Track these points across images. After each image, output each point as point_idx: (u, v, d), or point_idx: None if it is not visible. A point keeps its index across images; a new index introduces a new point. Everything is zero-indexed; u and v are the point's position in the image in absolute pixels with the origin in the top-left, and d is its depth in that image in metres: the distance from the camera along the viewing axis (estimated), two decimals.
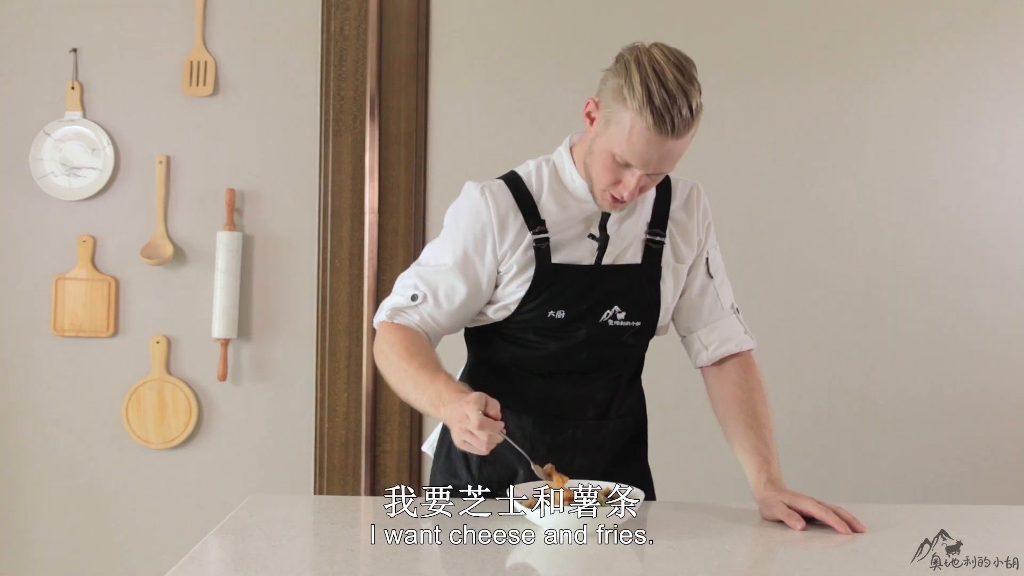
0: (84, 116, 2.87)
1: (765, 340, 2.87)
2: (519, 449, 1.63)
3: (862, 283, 2.92)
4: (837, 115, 2.91)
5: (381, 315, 1.79)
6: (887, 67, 2.92)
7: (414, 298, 1.75)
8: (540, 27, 2.90)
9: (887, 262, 2.92)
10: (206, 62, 2.87)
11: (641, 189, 1.67)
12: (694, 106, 1.62)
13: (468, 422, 1.53)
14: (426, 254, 1.80)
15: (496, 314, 1.77)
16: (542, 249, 1.72)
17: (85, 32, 2.87)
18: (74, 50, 2.88)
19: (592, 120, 1.67)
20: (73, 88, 2.86)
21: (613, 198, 1.68)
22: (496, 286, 1.76)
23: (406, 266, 2.82)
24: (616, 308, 1.75)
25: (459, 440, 1.57)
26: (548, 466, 1.63)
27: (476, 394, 1.56)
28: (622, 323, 1.76)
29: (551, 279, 1.73)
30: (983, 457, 2.93)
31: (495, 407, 1.55)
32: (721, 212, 2.87)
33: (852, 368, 2.92)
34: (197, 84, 2.87)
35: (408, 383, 1.68)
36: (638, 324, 1.78)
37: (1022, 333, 2.94)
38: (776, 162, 2.91)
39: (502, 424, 1.55)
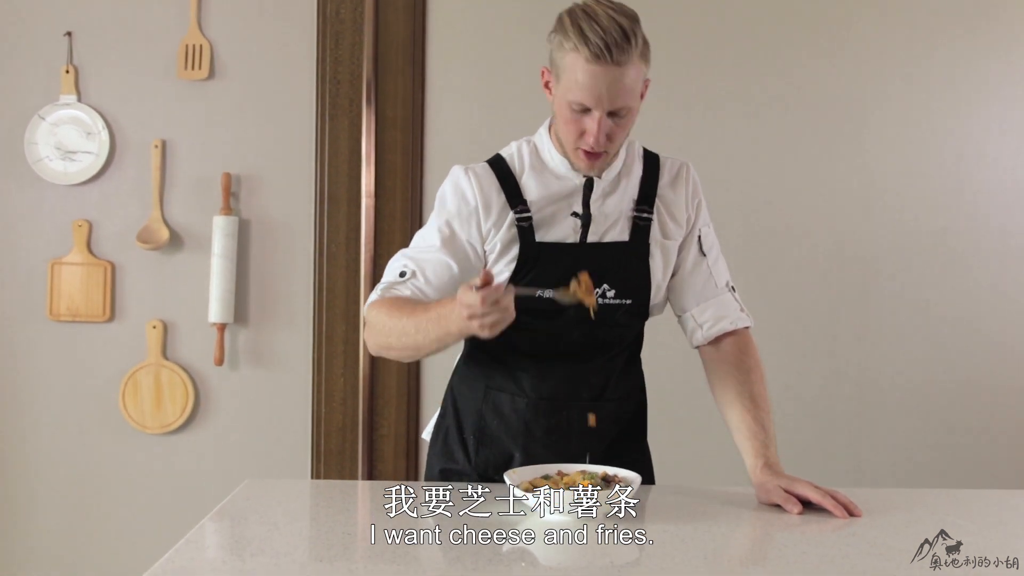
0: (79, 100, 2.86)
1: (763, 325, 2.86)
2: (530, 291, 1.61)
3: (860, 268, 2.92)
4: (835, 102, 2.91)
5: (372, 297, 1.79)
6: (886, 54, 2.91)
7: (402, 274, 1.76)
8: (536, 11, 2.86)
9: (885, 247, 2.92)
10: (201, 46, 2.85)
11: (609, 138, 1.67)
12: (628, 31, 1.62)
13: (468, 296, 1.48)
14: (415, 240, 1.83)
15: None
16: (525, 227, 1.73)
17: (80, 15, 2.86)
18: (69, 33, 2.86)
19: (549, 86, 1.71)
20: (68, 72, 2.85)
21: (586, 154, 1.69)
22: (484, 266, 1.77)
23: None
24: (605, 286, 1.75)
25: (473, 327, 1.50)
26: (574, 282, 1.60)
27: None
28: (612, 301, 1.76)
29: (536, 257, 1.74)
30: (980, 443, 2.93)
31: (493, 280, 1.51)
32: (719, 198, 2.87)
33: (849, 353, 2.92)
34: (193, 68, 2.85)
35: (410, 328, 1.65)
36: (629, 302, 1.77)
37: (1019, 318, 2.94)
38: (773, 148, 2.90)
39: (503, 285, 1.51)
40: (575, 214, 1.75)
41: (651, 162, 1.83)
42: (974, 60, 2.92)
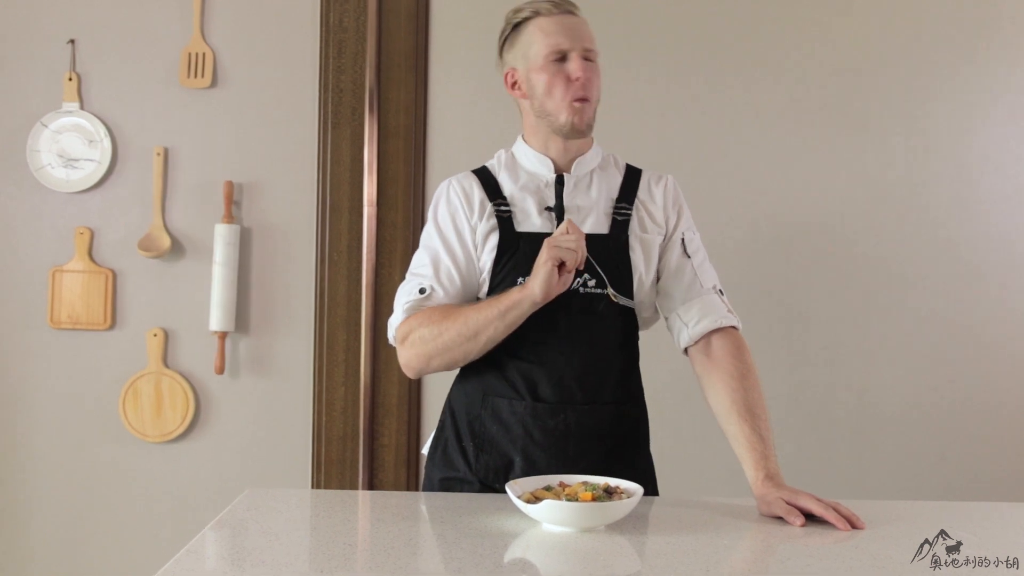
0: (81, 107, 2.86)
1: (763, 334, 2.87)
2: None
3: (861, 279, 2.92)
4: (837, 109, 2.91)
5: (397, 319, 1.84)
6: (888, 61, 2.91)
7: (422, 291, 1.82)
8: None
9: (886, 258, 2.92)
10: (204, 54, 2.86)
11: (590, 83, 1.81)
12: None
13: (563, 239, 1.65)
14: (414, 263, 1.89)
15: (479, 290, 1.85)
16: (504, 218, 1.82)
17: (82, 23, 2.87)
18: (71, 41, 2.86)
19: (518, 85, 1.87)
20: (70, 79, 2.85)
21: (576, 103, 1.80)
22: (477, 262, 1.85)
23: (404, 259, 2.83)
24: (586, 276, 1.80)
25: (553, 261, 1.65)
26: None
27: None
28: (593, 291, 1.80)
29: (515, 246, 1.81)
30: (981, 454, 2.93)
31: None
32: (720, 206, 2.88)
33: (851, 365, 2.92)
34: (195, 76, 2.86)
35: (472, 320, 1.74)
36: (610, 292, 1.81)
37: (1021, 329, 2.94)
38: (775, 156, 2.90)
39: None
40: (548, 209, 1.84)
41: (632, 171, 1.93)
42: (978, 66, 2.92)
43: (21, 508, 2.89)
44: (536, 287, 1.67)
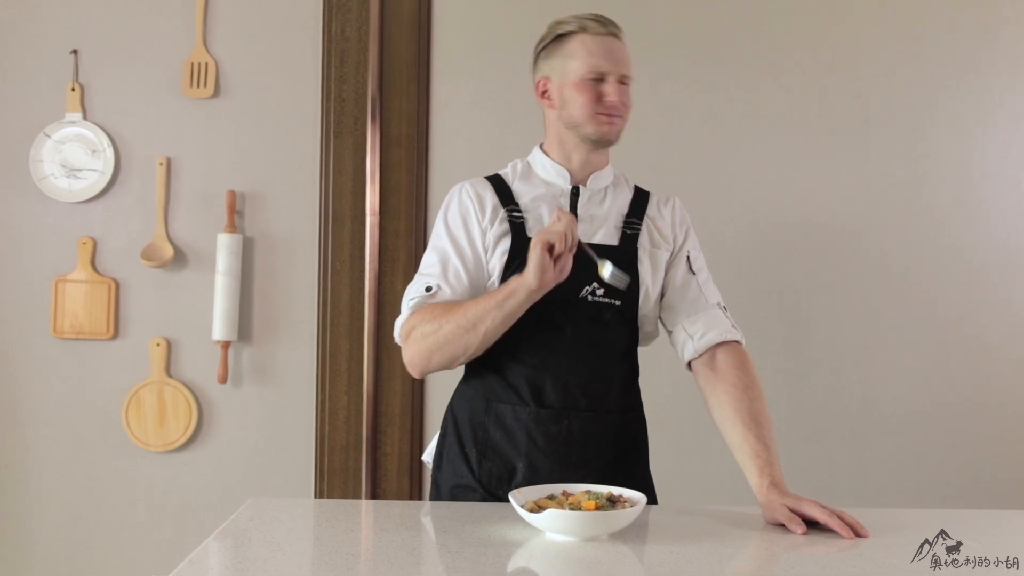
0: (84, 118, 2.87)
1: (766, 341, 2.87)
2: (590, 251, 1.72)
3: (863, 283, 2.91)
4: (839, 116, 2.91)
5: (402, 317, 1.85)
6: (890, 67, 2.92)
7: (428, 289, 1.83)
8: (542, 30, 2.88)
9: (888, 265, 2.92)
10: (207, 64, 2.86)
11: (623, 104, 1.83)
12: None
13: (553, 225, 1.64)
14: (423, 263, 1.90)
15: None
16: (517, 223, 1.84)
17: (85, 34, 2.87)
18: (74, 52, 2.87)
19: (548, 94, 1.88)
20: (73, 90, 2.86)
21: (606, 116, 1.82)
22: (487, 265, 1.86)
23: (407, 268, 2.83)
24: (595, 285, 1.81)
25: (542, 245, 1.64)
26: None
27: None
28: (601, 300, 1.82)
29: (527, 249, 1.77)
30: (984, 461, 2.92)
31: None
32: (722, 212, 2.88)
33: (853, 372, 2.92)
34: (198, 86, 2.86)
35: (471, 311, 1.74)
36: (617, 303, 1.83)
37: (1022, 336, 2.94)
38: (776, 163, 2.90)
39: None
40: None
41: (641, 191, 1.97)
42: (980, 70, 2.92)
43: (24, 518, 2.89)
44: (529, 273, 1.66)
